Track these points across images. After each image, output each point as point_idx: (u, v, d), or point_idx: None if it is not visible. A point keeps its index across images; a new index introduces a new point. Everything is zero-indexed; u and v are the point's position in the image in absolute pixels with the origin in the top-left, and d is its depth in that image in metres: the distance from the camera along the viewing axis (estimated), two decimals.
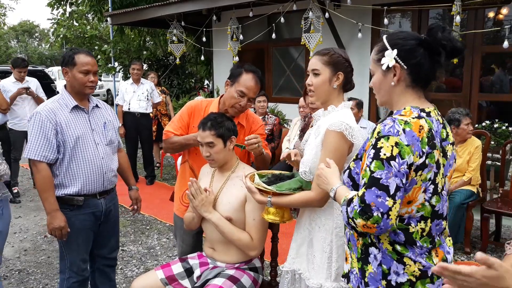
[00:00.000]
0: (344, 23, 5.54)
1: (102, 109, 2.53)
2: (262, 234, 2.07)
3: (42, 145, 2.25)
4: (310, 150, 1.81)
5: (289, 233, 2.00)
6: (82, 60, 2.31)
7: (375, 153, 1.29)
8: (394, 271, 1.36)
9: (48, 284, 3.35)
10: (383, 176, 1.26)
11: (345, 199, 1.36)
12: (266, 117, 5.38)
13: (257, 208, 2.02)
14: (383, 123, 1.34)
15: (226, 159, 2.16)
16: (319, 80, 1.79)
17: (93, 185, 2.38)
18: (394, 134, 1.29)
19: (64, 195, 2.33)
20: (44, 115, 2.26)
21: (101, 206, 2.44)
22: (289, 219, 1.88)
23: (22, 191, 5.78)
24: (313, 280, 1.78)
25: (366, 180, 1.30)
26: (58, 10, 11.87)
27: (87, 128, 2.38)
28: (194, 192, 2.07)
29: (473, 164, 3.81)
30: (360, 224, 1.29)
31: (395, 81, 1.40)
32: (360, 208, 1.28)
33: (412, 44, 1.37)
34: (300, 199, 1.75)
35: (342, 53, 1.81)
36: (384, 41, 1.42)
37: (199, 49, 7.46)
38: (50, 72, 16.35)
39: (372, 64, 1.47)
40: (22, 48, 35.32)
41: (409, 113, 1.37)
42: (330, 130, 1.68)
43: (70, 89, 2.39)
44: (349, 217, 1.32)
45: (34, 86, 5.61)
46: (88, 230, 2.42)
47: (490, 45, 5.39)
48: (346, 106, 1.81)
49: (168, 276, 2.22)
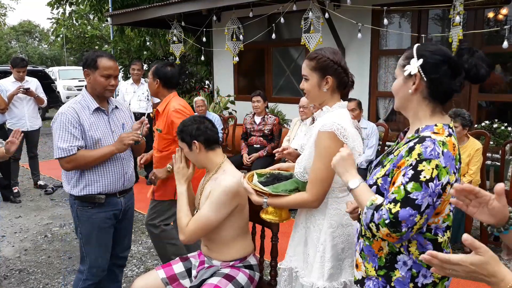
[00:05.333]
0: (344, 23, 5.54)
1: (120, 111, 2.56)
2: (196, 227, 2.07)
3: (68, 140, 2.26)
4: (305, 150, 1.82)
5: (288, 233, 2.00)
6: (104, 64, 2.31)
7: (414, 174, 1.30)
8: (422, 274, 1.42)
9: (49, 284, 3.36)
10: (419, 197, 1.28)
11: (372, 203, 1.37)
12: (266, 117, 5.39)
13: (207, 204, 2.07)
14: (423, 144, 1.33)
15: (200, 162, 2.20)
16: (308, 85, 1.80)
17: (114, 185, 2.42)
18: (435, 157, 1.30)
19: (86, 193, 2.36)
20: (70, 115, 2.28)
21: (120, 204, 2.49)
22: (287, 218, 1.89)
23: (22, 191, 5.78)
24: (306, 279, 1.80)
25: (398, 197, 1.31)
26: (58, 10, 11.89)
27: (107, 130, 2.41)
28: (177, 158, 2.24)
29: (473, 167, 3.79)
30: (384, 232, 1.32)
31: (413, 90, 1.41)
32: (390, 221, 1.30)
33: (437, 59, 1.38)
34: (295, 200, 1.76)
35: (330, 55, 1.77)
36: (413, 49, 1.43)
37: (199, 49, 7.46)
38: (51, 72, 16.36)
39: (397, 68, 1.49)
40: (22, 48, 35.32)
41: (442, 131, 1.38)
42: (321, 131, 1.69)
43: (91, 91, 2.39)
44: (374, 222, 1.33)
45: (34, 86, 5.61)
46: (108, 228, 2.46)
47: (490, 45, 5.39)
48: (341, 106, 1.80)
49: (169, 275, 2.24)
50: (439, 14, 5.77)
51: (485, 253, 1.01)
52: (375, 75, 6.13)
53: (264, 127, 5.35)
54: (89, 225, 2.40)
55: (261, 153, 5.26)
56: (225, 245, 2.17)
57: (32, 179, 6.08)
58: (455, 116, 3.64)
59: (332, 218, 1.76)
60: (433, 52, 1.39)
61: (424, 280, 1.42)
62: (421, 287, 1.42)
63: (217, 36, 7.64)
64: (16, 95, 5.36)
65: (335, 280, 1.76)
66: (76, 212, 2.43)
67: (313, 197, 1.71)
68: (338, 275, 1.77)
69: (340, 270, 1.78)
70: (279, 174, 1.95)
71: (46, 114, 13.50)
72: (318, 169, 1.69)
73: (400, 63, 1.47)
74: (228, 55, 7.14)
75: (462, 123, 3.66)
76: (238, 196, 2.08)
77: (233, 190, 2.05)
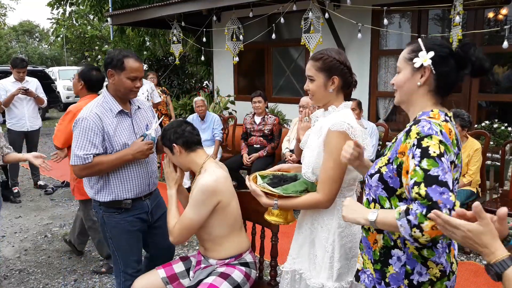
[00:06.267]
0: (344, 23, 5.55)
1: (143, 111, 2.46)
2: (181, 228, 2.10)
3: (85, 147, 2.17)
4: (311, 151, 1.80)
5: (288, 233, 2.00)
6: (132, 66, 2.20)
7: (422, 151, 1.28)
8: (417, 271, 1.40)
9: (49, 284, 3.36)
10: (440, 173, 1.24)
11: (399, 212, 1.29)
12: (266, 117, 5.39)
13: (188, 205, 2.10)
14: (419, 124, 1.33)
15: (184, 165, 2.24)
16: (314, 86, 1.79)
17: (140, 188, 2.36)
18: (435, 133, 1.30)
19: (113, 199, 2.30)
20: (92, 121, 2.17)
21: (147, 207, 2.43)
22: (292, 220, 1.86)
23: (22, 191, 5.78)
24: (314, 280, 1.77)
25: (419, 179, 1.25)
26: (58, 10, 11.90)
27: (131, 133, 2.32)
28: (166, 163, 2.31)
29: (472, 167, 3.79)
30: (428, 226, 1.21)
31: (422, 82, 1.42)
32: (426, 208, 1.21)
33: (446, 52, 1.40)
34: (308, 202, 1.73)
35: (336, 55, 1.77)
36: (420, 43, 1.43)
37: (199, 49, 7.47)
38: (51, 72, 16.34)
39: (402, 62, 1.48)
40: (22, 48, 35.33)
41: (438, 116, 1.39)
42: (332, 130, 1.67)
43: (114, 92, 2.28)
44: (414, 225, 1.23)
45: (34, 86, 5.61)
46: (137, 231, 2.41)
47: (490, 45, 5.40)
48: (347, 106, 1.80)
49: (170, 275, 2.25)
50: (439, 14, 5.77)
51: (486, 225, 1.08)
52: (375, 75, 6.14)
53: (264, 127, 5.35)
54: (118, 231, 2.34)
55: (261, 153, 5.26)
56: (218, 244, 2.18)
57: (32, 179, 6.08)
58: (454, 117, 3.64)
59: (340, 218, 1.73)
60: (441, 45, 1.41)
61: (419, 278, 1.40)
62: (417, 285, 1.40)
63: (217, 36, 7.64)
64: (16, 95, 5.36)
65: (343, 280, 1.75)
66: (102, 218, 2.36)
67: (325, 197, 1.69)
68: (346, 274, 1.77)
69: (348, 270, 1.77)
70: (283, 175, 1.92)
71: (46, 114, 13.51)
72: (329, 168, 1.67)
73: (406, 56, 1.46)
74: (228, 55, 7.14)
75: (461, 124, 3.66)
76: (217, 193, 2.07)
77: (210, 188, 2.05)
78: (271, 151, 5.30)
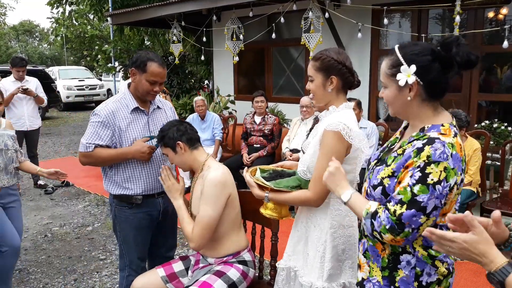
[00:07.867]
0: (344, 23, 5.54)
1: (162, 111, 2.48)
2: (201, 229, 2.08)
3: (90, 137, 2.25)
4: (309, 149, 1.82)
5: (288, 232, 2.00)
6: (153, 70, 2.25)
7: (421, 177, 1.29)
8: (427, 272, 1.41)
9: (49, 284, 3.36)
10: (425, 199, 1.28)
11: (367, 211, 1.38)
12: (266, 117, 5.39)
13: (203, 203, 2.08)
14: (433, 146, 1.30)
15: (187, 163, 2.23)
16: (313, 86, 1.80)
17: (152, 185, 2.38)
18: (444, 159, 1.29)
19: (123, 193, 2.34)
20: (104, 116, 2.25)
21: (159, 205, 2.44)
22: (286, 215, 1.89)
23: (22, 191, 5.77)
24: (305, 278, 1.79)
25: (404, 199, 1.31)
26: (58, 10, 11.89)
27: (145, 130, 2.36)
28: (165, 177, 2.26)
29: (472, 167, 3.79)
30: (388, 238, 1.33)
31: (412, 97, 1.38)
32: (391, 224, 1.31)
33: (427, 59, 1.34)
34: (297, 197, 1.76)
35: (335, 55, 1.77)
36: (398, 55, 1.38)
37: (199, 49, 7.46)
38: (51, 72, 16.34)
39: (385, 78, 1.43)
40: (22, 47, 35.32)
41: (449, 131, 1.36)
42: (327, 130, 1.68)
43: (133, 91, 2.35)
44: (376, 230, 1.35)
45: (34, 85, 5.61)
46: (146, 228, 2.43)
47: (490, 45, 5.39)
48: (348, 107, 1.79)
49: (169, 274, 2.26)
50: (439, 13, 5.77)
51: (480, 233, 1.07)
52: (375, 75, 6.13)
53: (264, 127, 5.35)
54: (127, 225, 2.38)
55: (261, 153, 5.26)
56: (218, 242, 2.19)
57: (32, 179, 6.08)
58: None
59: (333, 218, 1.76)
60: (420, 53, 1.35)
61: (428, 279, 1.41)
62: (426, 285, 1.41)
63: (217, 35, 7.63)
64: (16, 95, 5.36)
65: (335, 281, 1.76)
66: (114, 211, 2.42)
67: (315, 195, 1.71)
68: (337, 276, 1.77)
69: (340, 271, 1.78)
70: (282, 171, 1.96)
71: (46, 113, 13.50)
72: (322, 167, 1.67)
73: (387, 72, 1.41)
74: (228, 55, 7.14)
75: (459, 125, 3.65)
76: (227, 185, 2.12)
77: (222, 180, 2.09)
78: (271, 150, 5.30)
